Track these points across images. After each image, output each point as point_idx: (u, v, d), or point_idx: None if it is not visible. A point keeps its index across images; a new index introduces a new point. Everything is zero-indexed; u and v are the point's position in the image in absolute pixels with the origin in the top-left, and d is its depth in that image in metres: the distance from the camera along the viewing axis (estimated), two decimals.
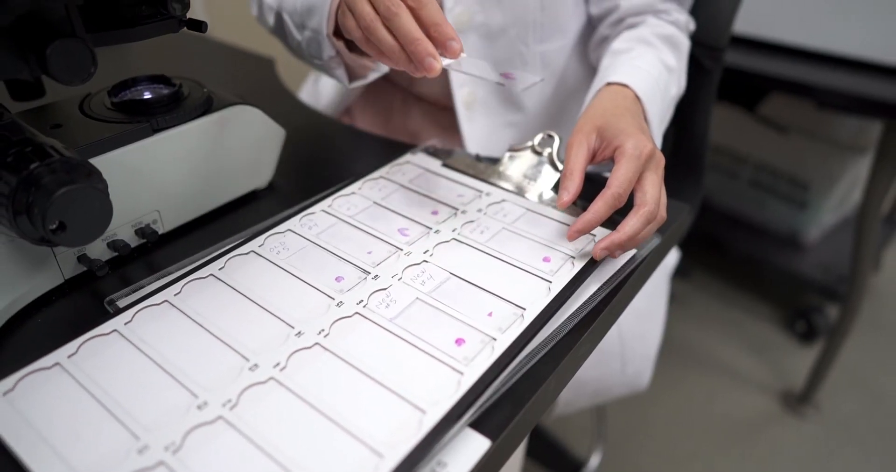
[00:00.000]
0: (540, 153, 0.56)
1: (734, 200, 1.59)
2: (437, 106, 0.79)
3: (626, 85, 0.56)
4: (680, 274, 1.63)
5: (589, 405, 0.86)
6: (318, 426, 0.33)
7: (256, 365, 0.37)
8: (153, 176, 0.47)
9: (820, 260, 1.45)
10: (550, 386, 0.39)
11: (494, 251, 0.47)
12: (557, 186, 0.49)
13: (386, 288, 0.43)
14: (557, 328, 0.41)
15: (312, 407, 0.34)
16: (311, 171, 0.63)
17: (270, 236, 0.48)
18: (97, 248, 0.46)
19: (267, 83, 0.83)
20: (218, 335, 0.39)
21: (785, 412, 1.31)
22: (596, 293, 0.44)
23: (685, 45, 0.67)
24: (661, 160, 0.49)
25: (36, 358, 0.37)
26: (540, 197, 0.53)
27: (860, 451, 1.23)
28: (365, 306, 0.41)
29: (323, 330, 0.39)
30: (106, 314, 0.41)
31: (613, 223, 0.46)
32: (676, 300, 1.57)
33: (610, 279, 0.46)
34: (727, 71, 0.93)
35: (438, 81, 0.74)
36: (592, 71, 0.71)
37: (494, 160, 0.59)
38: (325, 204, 0.52)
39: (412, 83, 0.78)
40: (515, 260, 0.46)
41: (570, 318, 0.42)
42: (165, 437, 0.33)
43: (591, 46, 0.71)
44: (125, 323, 0.40)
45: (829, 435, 1.26)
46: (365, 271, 0.45)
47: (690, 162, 0.86)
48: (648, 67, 0.59)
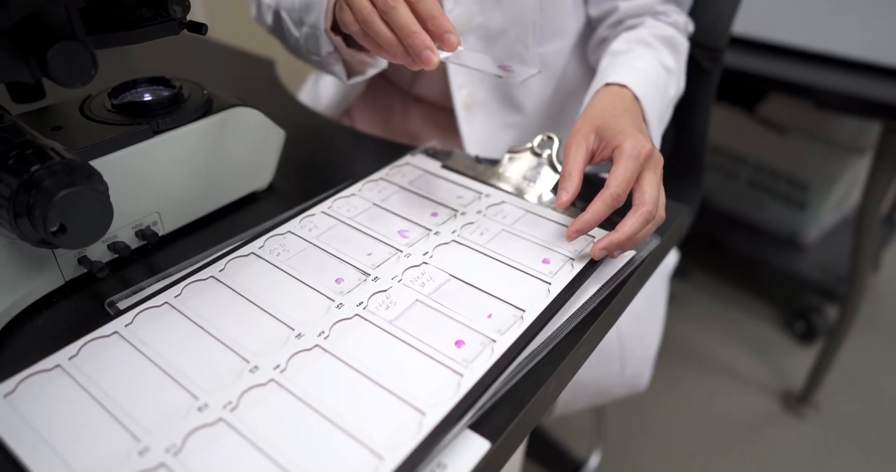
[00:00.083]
0: (539, 155, 0.56)
1: (733, 201, 1.59)
2: (436, 107, 0.79)
3: (624, 85, 0.56)
4: (679, 274, 1.63)
5: (588, 406, 0.86)
6: (318, 428, 0.33)
7: (257, 367, 0.37)
8: (153, 178, 0.47)
9: (819, 260, 1.45)
10: (550, 388, 0.39)
11: (494, 253, 0.47)
12: (557, 188, 0.49)
13: (386, 290, 0.43)
14: (557, 330, 0.41)
15: (312, 409, 0.34)
16: (310, 172, 0.63)
17: (270, 237, 0.48)
18: (97, 250, 0.46)
19: (267, 84, 0.83)
20: (218, 337, 0.39)
21: (784, 413, 1.31)
22: (595, 295, 0.45)
23: (684, 46, 0.68)
24: (659, 160, 0.49)
25: (37, 360, 0.37)
26: (539, 199, 0.53)
27: (859, 451, 1.23)
28: (365, 307, 0.41)
29: (323, 332, 0.39)
30: (106, 316, 0.41)
31: (612, 224, 0.46)
32: (676, 301, 1.57)
33: (609, 281, 0.46)
34: (726, 72, 0.94)
35: (438, 83, 0.74)
36: (592, 72, 0.71)
37: (494, 162, 0.59)
38: (324, 206, 0.52)
39: (412, 85, 0.78)
40: (515, 262, 0.46)
41: (569, 319, 0.42)
42: (166, 439, 0.33)
43: (590, 48, 0.72)
44: (126, 325, 0.40)
45: (828, 435, 1.26)
46: (365, 272, 0.45)
47: (690, 163, 0.86)
48: (647, 68, 0.59)
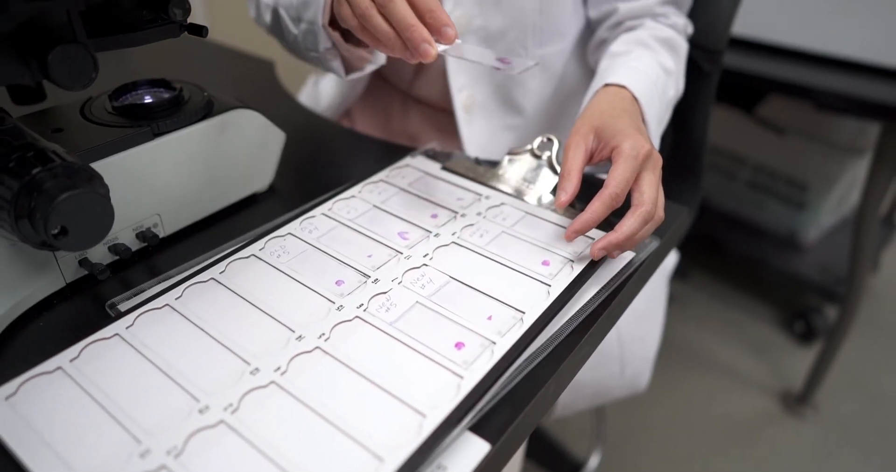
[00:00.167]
0: (539, 157, 0.56)
1: (733, 202, 1.59)
2: (436, 109, 0.79)
3: (623, 86, 0.56)
4: (679, 275, 1.63)
5: (588, 407, 0.86)
6: (318, 430, 0.33)
7: (257, 369, 0.37)
8: (154, 180, 0.48)
9: (818, 261, 1.45)
10: (550, 389, 0.39)
11: (494, 255, 0.47)
12: (556, 190, 0.49)
13: (386, 292, 0.43)
14: (557, 332, 0.41)
15: (313, 411, 0.34)
16: (311, 174, 0.63)
17: (271, 239, 0.48)
18: (98, 252, 0.46)
19: (267, 86, 0.83)
20: (219, 339, 0.39)
21: (784, 413, 1.31)
22: (595, 296, 0.45)
23: (683, 47, 0.68)
24: (658, 160, 0.49)
25: (38, 362, 0.37)
26: (539, 200, 0.54)
27: (859, 451, 1.23)
28: (365, 309, 0.42)
29: (323, 334, 0.39)
30: (107, 318, 0.41)
31: (611, 226, 0.46)
32: (675, 301, 1.58)
33: (609, 282, 0.46)
34: (726, 72, 0.94)
35: (437, 84, 0.74)
36: (591, 74, 0.71)
37: (494, 163, 0.59)
38: (325, 207, 0.52)
39: (411, 86, 0.78)
40: (515, 263, 0.46)
41: (569, 321, 0.42)
42: (167, 441, 0.33)
43: (589, 49, 0.72)
44: (127, 327, 0.40)
45: (828, 436, 1.26)
46: (365, 274, 0.45)
47: (689, 164, 0.86)
48: (646, 69, 0.59)
